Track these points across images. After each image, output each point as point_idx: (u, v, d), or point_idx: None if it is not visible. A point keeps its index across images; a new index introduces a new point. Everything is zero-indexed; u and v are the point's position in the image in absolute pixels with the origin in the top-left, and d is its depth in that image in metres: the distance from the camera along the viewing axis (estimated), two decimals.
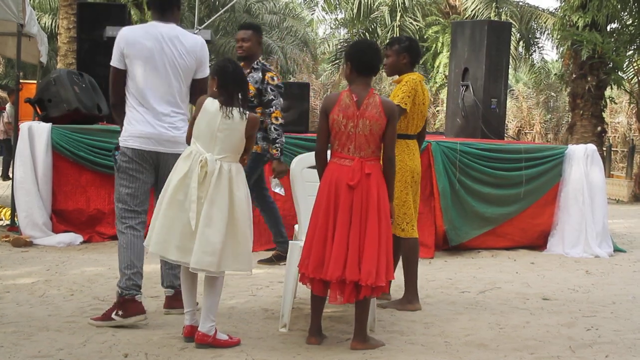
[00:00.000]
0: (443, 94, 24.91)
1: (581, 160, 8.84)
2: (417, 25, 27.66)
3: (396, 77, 6.10)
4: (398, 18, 27.49)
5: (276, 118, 7.06)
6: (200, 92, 5.13)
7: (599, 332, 5.30)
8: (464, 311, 5.80)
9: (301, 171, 5.50)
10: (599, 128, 19.27)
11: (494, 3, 26.88)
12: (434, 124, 26.25)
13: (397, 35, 25.81)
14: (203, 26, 9.25)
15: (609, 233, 8.99)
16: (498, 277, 7.18)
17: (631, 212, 14.23)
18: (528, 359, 4.63)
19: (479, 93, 9.74)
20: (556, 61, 32.66)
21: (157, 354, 4.46)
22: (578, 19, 17.83)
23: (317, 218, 4.70)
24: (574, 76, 19.23)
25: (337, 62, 30.26)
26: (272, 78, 7.12)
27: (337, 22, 33.59)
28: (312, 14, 36.15)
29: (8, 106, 17.89)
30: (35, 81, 16.47)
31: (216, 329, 4.67)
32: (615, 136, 27.70)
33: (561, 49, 21.09)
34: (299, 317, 5.40)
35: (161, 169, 5.15)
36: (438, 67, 26.99)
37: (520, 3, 28.32)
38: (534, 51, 29.42)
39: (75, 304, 5.61)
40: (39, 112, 8.72)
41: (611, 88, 20.40)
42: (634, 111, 20.69)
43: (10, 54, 12.47)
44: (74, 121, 8.44)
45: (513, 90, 31.43)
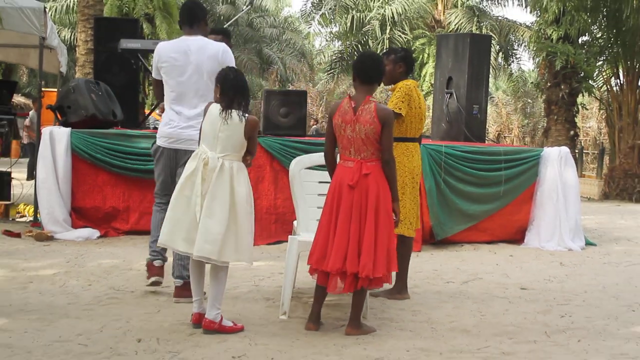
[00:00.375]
0: (429, 101, 24.87)
1: (555, 161, 8.84)
2: (405, 37, 27.66)
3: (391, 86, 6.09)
4: (388, 31, 27.48)
5: None
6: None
7: (572, 319, 5.31)
8: (449, 300, 5.81)
9: (299, 172, 5.51)
10: (572, 132, 19.29)
11: (476, 18, 26.94)
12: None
13: (387, 47, 25.85)
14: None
15: (581, 228, 9.00)
16: (480, 269, 7.19)
17: (601, 209, 14.25)
18: (507, 344, 4.64)
19: (462, 100, 9.73)
20: (532, 71, 32.69)
21: (168, 339, 4.46)
22: (552, 32, 17.84)
23: (324, 216, 4.76)
24: (549, 84, 19.24)
25: (332, 72, 30.30)
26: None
27: (332, 35, 33.60)
28: (309, 28, 36.04)
29: (31, 112, 17.93)
30: (55, 89, 16.43)
31: (222, 316, 4.67)
32: (586, 139, 27.74)
33: (537, 60, 21.11)
34: (298, 306, 5.40)
35: (180, 165, 5.33)
36: (424, 76, 27.00)
37: (499, 17, 28.40)
38: (512, 62, 29.52)
39: (92, 293, 5.61)
40: (59, 118, 8.72)
41: (583, 95, 20.43)
42: (604, 117, 20.72)
43: (33, 65, 12.44)
44: (91, 126, 8.43)
45: (493, 97, 31.46)
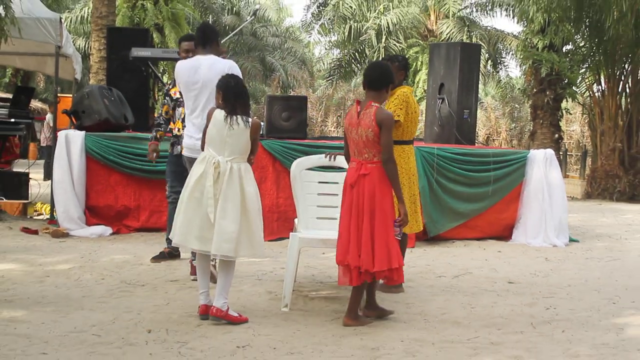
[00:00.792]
0: (422, 106, 24.86)
1: (541, 163, 8.83)
2: (400, 46, 27.63)
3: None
4: (383, 40, 27.46)
5: None
6: None
7: (557, 311, 5.31)
8: (440, 293, 5.81)
9: (300, 172, 5.51)
10: (557, 135, 19.29)
11: (466, 28, 26.93)
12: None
13: (383, 55, 25.85)
14: None
15: (567, 226, 8.99)
16: (470, 264, 7.18)
17: (584, 208, 14.25)
18: (496, 334, 4.64)
19: (453, 105, 9.72)
20: (519, 77, 32.64)
21: (176, 330, 4.47)
22: (538, 41, 17.85)
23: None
24: (535, 90, 19.24)
25: (331, 78, 30.28)
26: None
27: (331, 44, 33.58)
28: (309, 37, 36.03)
29: (48, 115, 17.95)
30: (70, 95, 16.44)
31: (228, 306, 4.68)
32: (570, 142, 27.68)
33: (523, 67, 21.11)
34: (299, 298, 5.40)
35: None
36: (418, 83, 26.96)
37: (488, 27, 28.38)
38: (501, 69, 29.49)
39: (105, 287, 5.61)
40: (74, 122, 8.72)
41: (567, 101, 20.44)
42: (586, 121, 20.68)
43: (49, 72, 12.44)
44: (104, 129, 8.43)
45: (482, 102, 31.36)
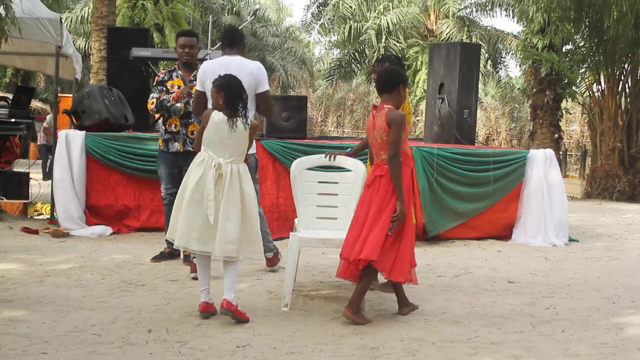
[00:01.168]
0: (422, 106, 24.90)
1: (541, 162, 8.83)
2: (400, 46, 27.62)
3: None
4: (383, 40, 27.44)
5: None
6: (262, 103, 5.90)
7: (557, 310, 5.31)
8: (440, 292, 5.81)
9: (300, 172, 5.51)
10: (556, 135, 19.30)
11: (466, 27, 26.91)
12: (415, 132, 26.22)
13: (383, 54, 25.84)
14: (215, 47, 9.18)
15: (567, 225, 8.99)
16: (469, 263, 7.19)
17: (584, 207, 14.25)
18: (495, 334, 4.64)
19: (453, 105, 9.72)
20: (519, 77, 32.66)
21: (177, 330, 4.47)
22: (538, 41, 17.86)
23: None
24: (535, 90, 19.25)
25: (331, 78, 30.28)
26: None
27: (331, 44, 33.56)
28: (309, 37, 36.05)
29: (49, 116, 17.94)
30: (71, 95, 16.44)
31: (236, 302, 4.72)
32: (570, 142, 27.70)
33: (523, 67, 21.14)
34: (299, 298, 5.41)
35: None
36: (418, 83, 26.96)
37: (488, 27, 28.36)
38: (500, 69, 29.48)
39: (106, 287, 5.61)
40: (75, 122, 8.72)
41: (566, 100, 20.44)
42: (586, 120, 20.68)
43: (49, 72, 12.45)
44: (105, 129, 8.43)
45: (482, 102, 31.39)
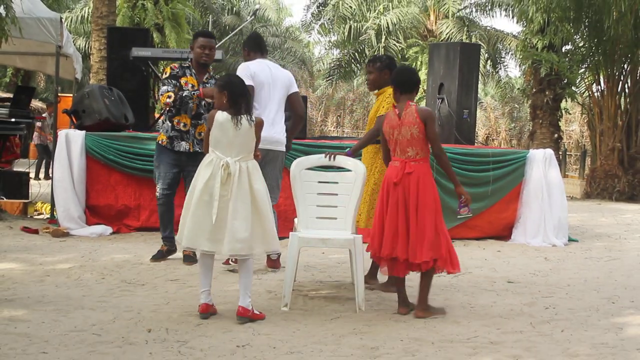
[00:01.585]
0: (422, 105, 24.92)
1: (540, 162, 8.83)
2: (400, 46, 27.64)
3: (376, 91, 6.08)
4: (383, 40, 27.46)
5: None
6: (296, 102, 6.46)
7: (556, 310, 5.31)
8: (440, 292, 5.80)
9: (300, 172, 5.50)
10: (556, 135, 19.32)
11: (466, 28, 26.93)
12: None
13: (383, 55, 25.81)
14: (215, 47, 9.18)
15: (567, 225, 8.99)
16: (469, 263, 7.18)
17: (583, 207, 14.26)
18: (495, 334, 4.64)
19: (453, 105, 9.73)
20: (519, 77, 32.67)
21: (176, 329, 4.46)
22: (537, 42, 17.87)
23: (377, 211, 5.10)
24: (534, 90, 19.27)
25: (331, 78, 30.29)
26: None
27: (331, 44, 33.56)
28: (309, 37, 36.07)
29: (45, 114, 17.95)
30: (71, 95, 16.45)
31: (252, 305, 4.73)
32: (569, 142, 27.75)
33: (523, 67, 21.15)
34: (298, 298, 5.40)
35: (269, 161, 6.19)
36: None
37: (488, 28, 28.37)
38: (500, 69, 29.48)
39: (105, 286, 5.60)
40: (75, 121, 8.71)
41: (566, 101, 20.47)
42: (586, 121, 20.71)
43: (50, 72, 12.46)
44: (105, 129, 8.42)
45: (482, 102, 31.46)
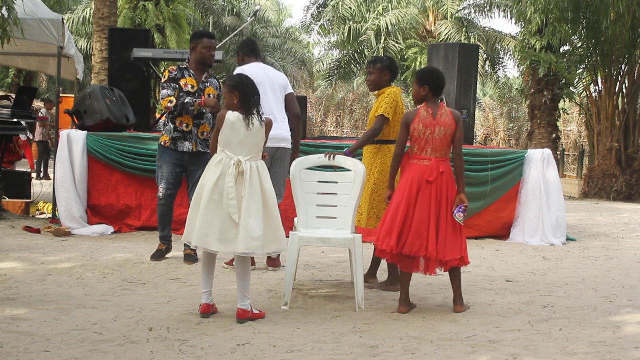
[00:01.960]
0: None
1: (539, 162, 8.84)
2: (399, 47, 27.66)
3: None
4: (382, 41, 27.47)
5: None
6: (289, 104, 6.54)
7: (554, 309, 5.31)
8: (439, 291, 5.80)
9: (300, 172, 5.50)
10: (554, 135, 19.31)
11: (464, 29, 26.93)
12: None
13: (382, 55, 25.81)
14: (216, 48, 9.19)
15: (565, 225, 8.99)
16: None
17: (581, 207, 14.26)
18: (494, 332, 4.64)
19: (452, 105, 9.73)
20: (517, 78, 32.67)
21: (177, 328, 4.46)
22: (536, 42, 17.86)
23: (399, 207, 5.04)
24: (533, 91, 19.26)
25: (331, 79, 30.29)
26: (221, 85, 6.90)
27: (331, 45, 33.62)
28: (309, 38, 36.10)
29: (43, 110, 17.97)
30: (73, 95, 16.48)
31: (251, 305, 4.72)
32: (567, 142, 27.74)
33: (521, 68, 21.13)
34: (298, 297, 5.41)
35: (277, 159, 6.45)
36: None
37: (486, 28, 28.37)
38: (499, 69, 29.48)
39: (107, 285, 5.61)
40: (76, 122, 8.72)
41: (564, 101, 20.48)
42: (584, 121, 20.73)
43: (52, 72, 12.47)
44: (106, 129, 8.43)
45: (481, 102, 31.46)
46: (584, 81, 17.87)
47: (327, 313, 4.99)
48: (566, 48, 18.50)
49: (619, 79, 16.73)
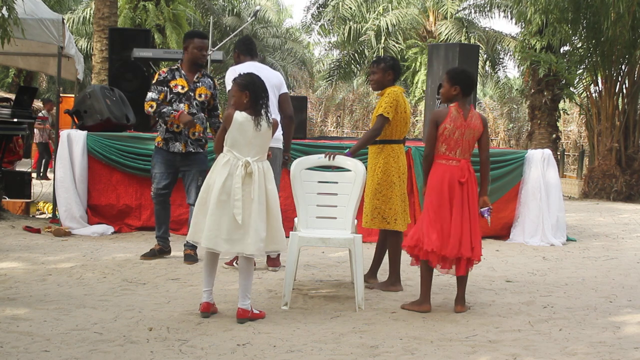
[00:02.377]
0: (421, 106, 24.93)
1: (539, 162, 8.83)
2: (399, 47, 27.66)
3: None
4: (382, 41, 27.47)
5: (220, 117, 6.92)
6: (282, 104, 6.40)
7: (554, 309, 5.31)
8: (439, 291, 5.79)
9: (300, 172, 5.50)
10: (554, 135, 19.31)
11: (464, 29, 26.93)
12: (414, 132, 26.23)
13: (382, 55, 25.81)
14: (216, 48, 9.21)
15: (565, 224, 8.99)
16: None
17: (581, 207, 14.26)
18: (493, 332, 4.64)
19: None
20: (517, 78, 32.68)
21: (177, 328, 4.46)
22: (536, 42, 17.85)
23: (434, 208, 5.04)
24: (533, 91, 19.26)
25: (331, 79, 30.28)
26: (218, 84, 6.90)
27: (331, 45, 33.61)
28: (309, 38, 36.10)
29: (43, 112, 17.94)
30: (73, 95, 16.46)
31: (251, 305, 4.72)
32: (567, 142, 27.72)
33: (521, 68, 21.13)
34: (298, 297, 5.41)
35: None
36: (417, 83, 27.00)
37: (486, 29, 28.38)
38: (499, 69, 29.49)
39: (107, 285, 5.61)
40: (76, 122, 8.72)
41: (564, 101, 20.47)
42: (584, 121, 20.71)
43: (52, 72, 12.47)
44: (106, 129, 8.43)
45: (481, 102, 31.43)
46: (584, 81, 17.87)
47: (327, 313, 4.99)
48: (566, 48, 18.50)
49: (619, 79, 16.72)
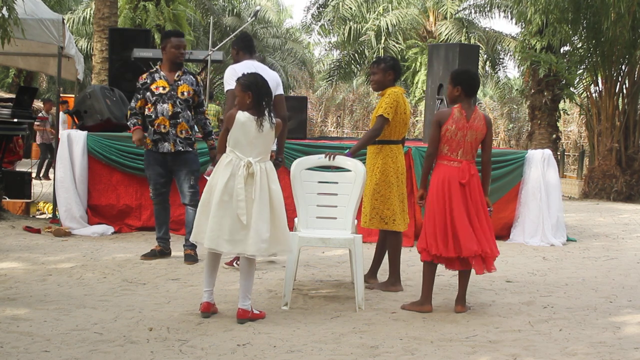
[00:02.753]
0: (421, 106, 24.93)
1: (539, 163, 8.83)
2: (399, 47, 27.63)
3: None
4: (383, 41, 27.45)
5: (207, 114, 6.93)
6: (276, 105, 5.91)
7: (554, 310, 5.32)
8: (439, 292, 5.79)
9: (300, 172, 5.51)
10: (554, 135, 19.30)
11: (465, 29, 26.91)
12: (414, 132, 26.23)
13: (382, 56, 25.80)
14: (216, 48, 9.20)
15: (564, 224, 8.99)
16: None
17: (581, 207, 14.25)
18: (494, 332, 4.64)
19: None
20: (517, 78, 32.65)
21: (178, 328, 4.47)
22: (536, 43, 17.84)
23: (434, 210, 5.04)
24: (533, 91, 19.25)
25: (331, 79, 30.26)
26: (200, 80, 6.90)
27: (331, 45, 33.56)
28: (309, 38, 36.03)
29: (43, 113, 17.91)
30: (73, 95, 16.47)
31: (251, 305, 4.72)
32: (567, 142, 27.72)
33: (522, 68, 21.10)
34: (298, 297, 5.41)
35: None
36: (417, 83, 26.97)
37: (486, 29, 28.35)
38: (499, 70, 29.46)
39: (107, 285, 5.61)
40: (77, 122, 8.73)
41: (564, 101, 20.44)
42: (584, 121, 20.71)
43: (52, 72, 12.47)
44: (106, 129, 8.44)
45: (481, 103, 31.43)
46: (584, 81, 17.86)
47: (327, 313, 4.99)
48: (566, 48, 18.49)
49: (619, 80, 16.72)
